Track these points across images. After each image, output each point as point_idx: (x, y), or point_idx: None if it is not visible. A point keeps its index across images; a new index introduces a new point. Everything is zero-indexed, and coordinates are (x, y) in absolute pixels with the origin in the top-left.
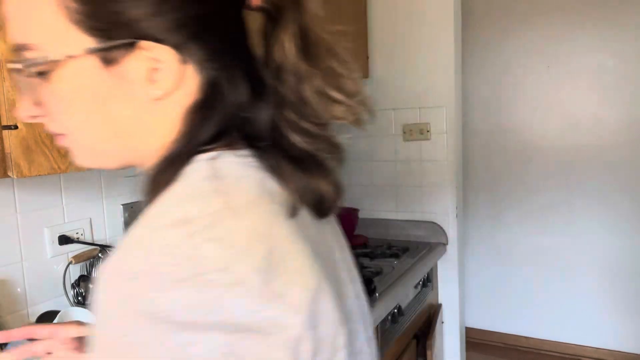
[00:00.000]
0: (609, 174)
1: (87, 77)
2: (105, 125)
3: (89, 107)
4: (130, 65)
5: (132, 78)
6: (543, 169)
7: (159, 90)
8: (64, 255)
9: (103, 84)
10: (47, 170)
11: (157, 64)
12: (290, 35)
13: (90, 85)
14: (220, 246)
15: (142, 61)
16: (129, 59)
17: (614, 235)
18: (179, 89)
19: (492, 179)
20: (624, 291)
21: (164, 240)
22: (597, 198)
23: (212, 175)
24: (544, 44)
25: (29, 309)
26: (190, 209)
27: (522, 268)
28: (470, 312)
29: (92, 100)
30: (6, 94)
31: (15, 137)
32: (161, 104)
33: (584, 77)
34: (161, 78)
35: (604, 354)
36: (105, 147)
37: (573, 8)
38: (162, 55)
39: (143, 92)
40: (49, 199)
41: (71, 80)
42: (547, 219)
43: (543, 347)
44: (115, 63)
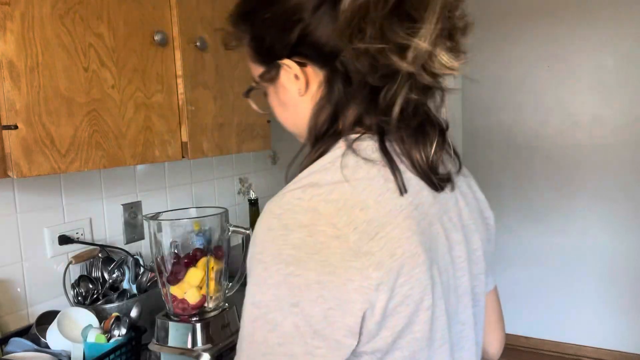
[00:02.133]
0: (609, 173)
1: (270, 91)
2: (289, 119)
3: (278, 109)
4: (283, 77)
5: (285, 84)
6: (543, 168)
7: (301, 87)
8: (64, 255)
9: (275, 92)
10: (47, 170)
11: (292, 71)
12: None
13: (273, 96)
14: (333, 207)
15: (287, 72)
16: (281, 73)
17: (614, 235)
18: (311, 86)
19: (491, 178)
20: (624, 291)
21: (295, 196)
22: (597, 198)
23: (343, 155)
24: (544, 44)
25: (29, 309)
26: (320, 177)
27: (522, 268)
28: None
29: (277, 105)
30: (6, 94)
31: (15, 137)
32: (305, 98)
33: (584, 77)
34: (299, 79)
35: (604, 354)
36: (297, 132)
37: (573, 8)
38: (292, 65)
39: (294, 91)
40: (49, 199)
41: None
42: (547, 219)
43: (543, 347)
44: (276, 78)
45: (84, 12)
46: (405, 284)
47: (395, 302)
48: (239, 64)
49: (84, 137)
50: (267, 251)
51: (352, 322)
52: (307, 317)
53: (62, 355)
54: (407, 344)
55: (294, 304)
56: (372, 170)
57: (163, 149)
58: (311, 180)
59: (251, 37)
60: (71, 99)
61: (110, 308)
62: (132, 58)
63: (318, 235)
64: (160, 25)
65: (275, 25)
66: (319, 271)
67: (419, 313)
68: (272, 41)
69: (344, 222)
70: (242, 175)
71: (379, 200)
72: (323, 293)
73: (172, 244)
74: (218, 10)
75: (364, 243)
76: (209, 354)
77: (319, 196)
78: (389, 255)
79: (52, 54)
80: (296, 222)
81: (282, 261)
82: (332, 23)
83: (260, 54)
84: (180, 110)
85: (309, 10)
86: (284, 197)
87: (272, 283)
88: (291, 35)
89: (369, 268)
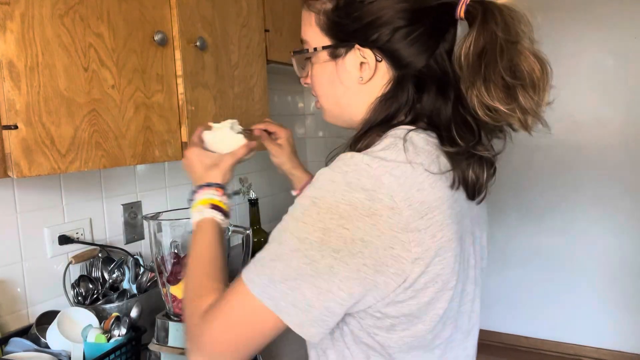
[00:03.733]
0: (609, 173)
1: (324, 64)
2: (332, 96)
3: (324, 82)
4: (349, 59)
5: (348, 67)
6: (543, 168)
7: (363, 76)
8: (64, 255)
9: (332, 69)
10: (47, 170)
11: (363, 60)
12: (474, 41)
13: (325, 69)
14: (395, 181)
15: (356, 57)
16: (349, 55)
17: (614, 235)
18: (374, 79)
19: None
20: (624, 291)
21: (364, 161)
22: (597, 198)
23: (404, 139)
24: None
25: (29, 309)
26: (385, 154)
27: (522, 268)
28: None
29: (326, 79)
30: (6, 94)
31: (15, 137)
32: (364, 87)
33: (584, 77)
34: (365, 69)
35: (604, 354)
36: (334, 111)
37: (573, 7)
38: (367, 55)
39: (354, 76)
40: (49, 199)
41: (317, 65)
42: (547, 218)
43: (543, 347)
44: (340, 57)
45: (84, 12)
46: (439, 263)
47: (427, 278)
48: (239, 63)
49: (84, 137)
50: (325, 199)
51: (381, 281)
52: (343, 264)
53: (62, 355)
54: (430, 319)
55: (335, 250)
56: (428, 158)
57: (163, 149)
58: (378, 155)
59: (336, 9)
60: (71, 99)
61: (110, 308)
62: (132, 58)
63: (376, 202)
64: (160, 25)
65: (369, 17)
66: (367, 231)
67: (445, 292)
68: (358, 28)
69: (401, 197)
70: (242, 175)
71: (433, 186)
72: (364, 250)
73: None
74: (218, 10)
75: (414, 220)
76: None
77: (385, 168)
78: (431, 235)
79: (52, 54)
80: (359, 183)
81: (337, 213)
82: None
83: (339, 30)
84: (180, 110)
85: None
86: (353, 157)
87: (322, 227)
88: (381, 34)
89: (411, 242)
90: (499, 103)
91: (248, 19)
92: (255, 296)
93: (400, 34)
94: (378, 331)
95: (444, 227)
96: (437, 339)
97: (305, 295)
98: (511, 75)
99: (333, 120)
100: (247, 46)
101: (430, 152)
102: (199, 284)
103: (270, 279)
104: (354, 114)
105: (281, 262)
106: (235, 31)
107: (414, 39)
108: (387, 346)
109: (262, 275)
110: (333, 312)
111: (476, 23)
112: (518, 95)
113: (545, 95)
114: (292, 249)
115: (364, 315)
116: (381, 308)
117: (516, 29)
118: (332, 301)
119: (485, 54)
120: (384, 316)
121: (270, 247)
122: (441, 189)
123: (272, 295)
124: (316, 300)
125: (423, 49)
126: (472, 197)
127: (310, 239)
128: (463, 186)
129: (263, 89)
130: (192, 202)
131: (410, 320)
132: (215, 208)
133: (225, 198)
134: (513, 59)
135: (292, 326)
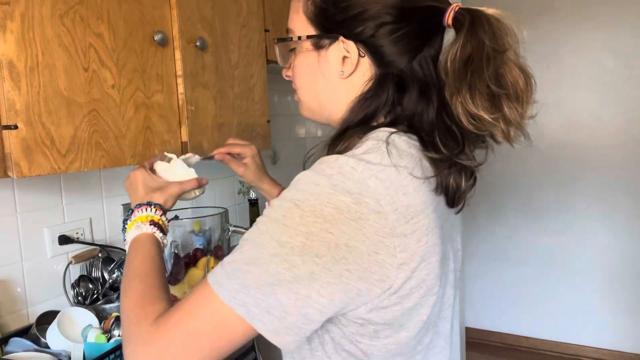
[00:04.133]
0: (609, 173)
1: (306, 54)
2: (312, 89)
3: (305, 74)
4: (332, 51)
5: (331, 59)
6: (543, 168)
7: (344, 70)
8: (64, 255)
9: (314, 60)
10: (47, 170)
11: (346, 53)
12: (461, 47)
13: (307, 60)
14: (381, 185)
15: (339, 50)
16: (333, 47)
17: (614, 235)
18: (355, 75)
19: (492, 178)
20: (624, 291)
21: (349, 163)
22: (597, 198)
23: (387, 142)
24: (544, 44)
25: (29, 309)
26: (369, 157)
27: (522, 268)
28: (471, 312)
29: (307, 70)
30: (6, 93)
31: (15, 137)
32: (344, 83)
33: (584, 77)
34: (347, 63)
35: (604, 354)
36: (312, 105)
37: (573, 7)
38: (351, 48)
39: (336, 70)
40: (49, 199)
41: (300, 55)
42: (547, 218)
43: (543, 347)
44: (324, 48)
45: (84, 12)
46: (424, 269)
47: (412, 284)
48: (239, 63)
49: (84, 137)
50: (309, 202)
51: (364, 288)
52: (325, 270)
53: (62, 355)
54: (414, 325)
55: (318, 255)
56: (412, 161)
57: (163, 149)
58: (362, 158)
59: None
60: (71, 99)
61: (110, 308)
62: (132, 58)
63: (362, 206)
64: (160, 25)
65: (356, 9)
66: (352, 236)
67: (429, 297)
68: (345, 19)
69: (387, 201)
70: None
71: (418, 189)
72: (348, 256)
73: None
74: (218, 10)
75: (399, 224)
76: None
77: (370, 171)
78: (417, 240)
79: (52, 54)
80: (345, 186)
81: (322, 216)
82: (403, 43)
83: (325, 20)
84: (180, 110)
85: (391, 19)
86: (337, 160)
87: (304, 231)
88: (366, 28)
89: (397, 247)
90: (483, 112)
91: (248, 19)
92: (224, 302)
93: (386, 30)
94: (361, 338)
95: (429, 232)
96: (419, 344)
97: (281, 302)
98: (496, 84)
99: (310, 115)
100: (247, 46)
101: (413, 155)
102: (142, 293)
103: (243, 283)
104: (333, 110)
105: (257, 266)
106: (235, 31)
107: (399, 37)
108: (369, 354)
109: (234, 279)
110: (310, 319)
111: (464, 30)
112: (503, 105)
113: (528, 108)
114: (271, 253)
115: (347, 323)
116: (364, 314)
117: (503, 40)
118: (310, 307)
119: (472, 61)
120: (366, 322)
121: (244, 250)
122: (425, 192)
123: (244, 301)
124: (293, 306)
125: (407, 49)
126: (451, 204)
127: (291, 243)
128: (443, 193)
129: (263, 89)
130: (127, 221)
131: (394, 327)
132: (155, 225)
133: (165, 219)
134: (499, 68)
135: (265, 334)
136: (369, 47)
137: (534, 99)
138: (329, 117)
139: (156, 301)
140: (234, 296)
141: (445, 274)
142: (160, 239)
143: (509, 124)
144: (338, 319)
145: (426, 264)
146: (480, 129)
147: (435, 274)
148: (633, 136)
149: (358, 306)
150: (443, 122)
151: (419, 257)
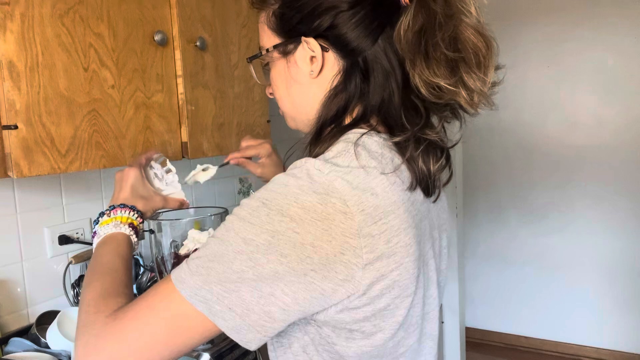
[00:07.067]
0: (609, 173)
1: (277, 64)
2: (288, 96)
3: (280, 83)
4: (298, 54)
5: (299, 62)
6: (543, 168)
7: (314, 69)
8: (64, 255)
9: (284, 68)
10: (47, 170)
11: (312, 52)
12: (412, 18)
13: (279, 69)
14: (348, 186)
15: (305, 51)
16: (298, 50)
17: (613, 235)
18: (324, 72)
19: (492, 178)
20: (624, 291)
21: (316, 165)
22: (597, 198)
23: (358, 144)
24: (544, 44)
25: (29, 309)
26: (338, 160)
27: (522, 268)
28: (471, 312)
29: (281, 80)
30: (6, 94)
31: (15, 137)
32: (315, 82)
33: (584, 76)
34: (315, 62)
35: (604, 354)
36: (292, 113)
37: (573, 7)
38: (313, 45)
39: (305, 71)
40: (49, 199)
41: (273, 68)
42: (547, 218)
43: (543, 347)
44: (291, 53)
45: (84, 12)
46: (395, 270)
47: (382, 285)
48: (239, 63)
49: (84, 137)
50: (276, 201)
51: (328, 288)
52: (290, 270)
53: (62, 355)
54: (389, 327)
55: (283, 255)
56: (383, 161)
57: (163, 149)
58: (330, 161)
59: (282, 5)
60: (71, 99)
61: None
62: (132, 58)
63: (328, 206)
64: (160, 25)
65: (311, 5)
66: (317, 236)
67: (403, 299)
68: (302, 18)
69: (354, 202)
70: (242, 175)
71: (387, 190)
72: (313, 256)
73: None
74: (218, 10)
75: (366, 225)
76: (209, 354)
77: (337, 173)
78: (385, 241)
79: (52, 54)
80: (312, 187)
81: (288, 215)
82: (362, 27)
83: (285, 26)
84: (180, 110)
85: (346, 6)
86: (306, 162)
87: (270, 229)
88: (323, 20)
89: (363, 248)
90: (440, 78)
91: (248, 19)
92: (185, 298)
93: (343, 18)
94: (337, 340)
95: (401, 232)
96: (401, 346)
97: (243, 299)
98: (452, 48)
99: (294, 125)
100: (247, 46)
101: (384, 155)
102: (107, 286)
103: (206, 280)
104: (309, 113)
105: (221, 263)
106: (235, 31)
107: (357, 22)
108: (346, 356)
109: (197, 275)
110: (273, 317)
111: (414, 1)
112: (460, 70)
113: (489, 72)
114: (235, 251)
115: (321, 324)
116: (334, 315)
117: (457, 5)
118: (273, 305)
119: (425, 30)
120: (339, 323)
121: (209, 247)
122: (396, 192)
123: (206, 297)
124: (256, 304)
125: (367, 32)
126: (427, 193)
127: (256, 241)
128: (416, 182)
129: (263, 89)
130: (105, 216)
131: (368, 328)
132: (133, 228)
133: (142, 226)
134: (453, 32)
135: (227, 331)
136: (330, 39)
137: (497, 63)
138: (308, 123)
139: (120, 295)
140: (196, 292)
141: (425, 274)
142: (134, 243)
143: (470, 90)
144: (314, 320)
145: (397, 265)
146: (441, 97)
147: (409, 275)
148: (633, 136)
149: (325, 307)
150: (409, 101)
151: (388, 257)
